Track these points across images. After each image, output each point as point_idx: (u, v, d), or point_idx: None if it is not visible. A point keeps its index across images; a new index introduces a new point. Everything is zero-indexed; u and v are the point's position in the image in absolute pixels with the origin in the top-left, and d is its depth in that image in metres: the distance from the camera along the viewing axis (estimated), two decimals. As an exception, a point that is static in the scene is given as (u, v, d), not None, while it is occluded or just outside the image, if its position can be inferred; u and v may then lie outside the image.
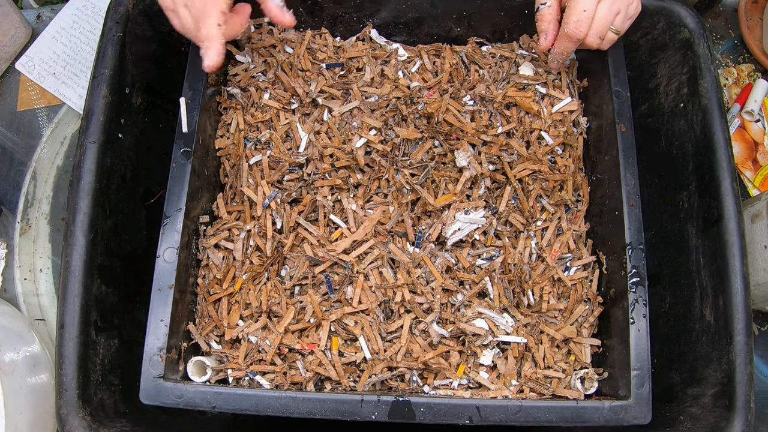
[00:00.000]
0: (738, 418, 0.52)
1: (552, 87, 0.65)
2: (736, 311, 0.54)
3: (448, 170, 0.60)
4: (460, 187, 0.59)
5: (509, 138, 0.62)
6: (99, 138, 0.55)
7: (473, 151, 0.60)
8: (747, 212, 0.65)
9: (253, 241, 0.57)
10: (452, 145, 0.60)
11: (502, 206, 0.60)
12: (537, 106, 0.63)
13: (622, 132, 0.57)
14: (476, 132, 0.60)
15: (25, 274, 0.69)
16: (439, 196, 0.59)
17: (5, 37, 0.74)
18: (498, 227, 0.59)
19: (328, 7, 0.64)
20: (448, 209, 0.59)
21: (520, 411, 0.49)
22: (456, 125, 0.60)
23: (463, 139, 0.60)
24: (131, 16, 0.60)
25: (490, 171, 0.61)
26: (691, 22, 0.63)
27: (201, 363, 0.54)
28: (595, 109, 0.63)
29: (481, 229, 0.59)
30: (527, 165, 0.61)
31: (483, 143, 0.61)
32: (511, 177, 0.60)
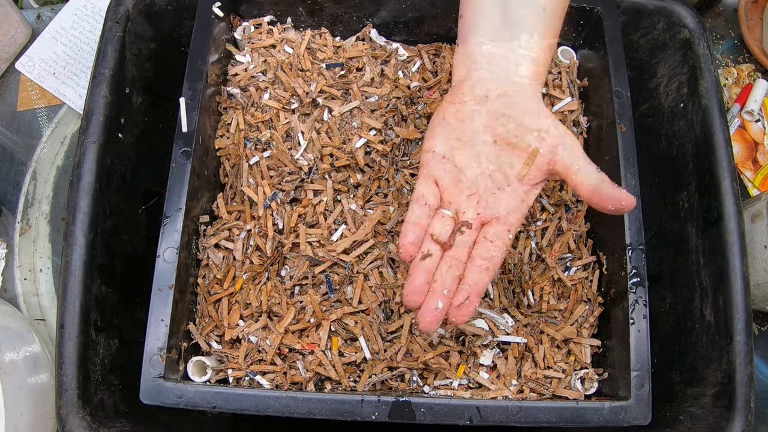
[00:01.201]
0: (738, 418, 0.52)
1: (552, 87, 0.65)
2: (736, 311, 0.54)
3: (448, 170, 0.60)
4: (460, 187, 0.59)
5: (509, 138, 0.62)
6: (99, 138, 0.55)
7: (473, 151, 0.60)
8: (747, 212, 0.65)
9: (253, 241, 0.57)
10: (452, 145, 0.60)
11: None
12: (537, 106, 0.63)
13: (622, 132, 0.57)
14: (476, 132, 0.60)
15: (25, 274, 0.69)
16: (439, 196, 0.59)
17: (5, 37, 0.73)
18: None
19: (328, 7, 0.64)
20: (448, 209, 0.59)
21: (520, 411, 0.49)
22: (456, 125, 0.60)
23: (463, 139, 0.60)
24: (131, 16, 0.60)
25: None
26: (691, 22, 0.63)
27: (201, 363, 0.54)
28: (595, 109, 0.63)
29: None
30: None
31: (483, 143, 0.60)
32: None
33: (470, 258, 0.44)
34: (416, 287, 0.43)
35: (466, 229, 0.44)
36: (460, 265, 0.44)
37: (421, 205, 0.45)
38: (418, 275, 0.43)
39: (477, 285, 0.43)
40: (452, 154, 0.45)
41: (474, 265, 0.44)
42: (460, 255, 0.44)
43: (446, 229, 0.44)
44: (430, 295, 0.43)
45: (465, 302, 0.42)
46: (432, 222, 0.45)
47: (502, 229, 0.44)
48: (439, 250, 0.44)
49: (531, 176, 0.44)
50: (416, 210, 0.45)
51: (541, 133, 0.43)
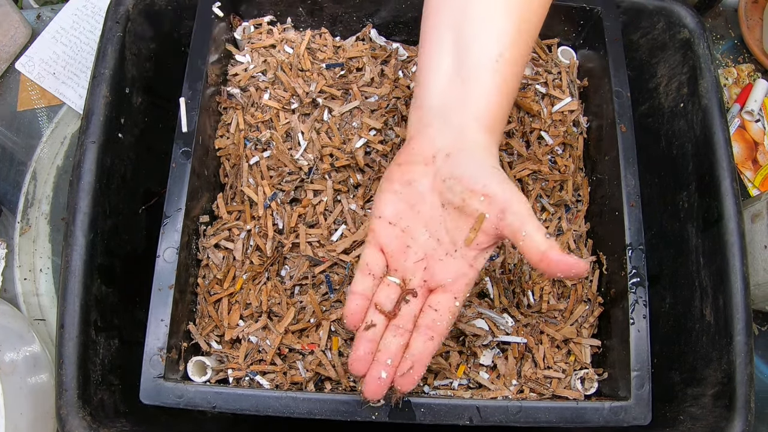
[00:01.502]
0: (738, 418, 0.52)
1: (552, 87, 0.65)
2: (736, 311, 0.54)
3: (448, 170, 0.60)
4: (460, 187, 0.59)
5: (509, 138, 0.62)
6: (99, 138, 0.55)
7: (473, 151, 0.60)
8: (747, 212, 0.65)
9: (253, 241, 0.57)
10: (452, 145, 0.60)
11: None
12: (537, 106, 0.63)
13: (622, 132, 0.57)
14: (476, 132, 0.60)
15: (25, 274, 0.69)
16: (439, 196, 0.59)
17: (5, 37, 0.73)
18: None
19: (328, 7, 0.64)
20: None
21: (520, 411, 0.49)
22: (456, 125, 0.60)
23: (463, 139, 0.60)
24: (131, 16, 0.60)
25: (490, 171, 0.60)
26: (691, 22, 0.63)
27: (201, 363, 0.54)
28: (595, 109, 0.63)
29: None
30: (527, 165, 0.61)
31: (483, 143, 0.60)
32: (511, 177, 0.60)
33: (416, 327, 0.43)
34: (360, 356, 0.42)
35: (411, 297, 0.44)
36: (405, 334, 0.43)
37: (365, 274, 0.44)
38: (361, 345, 0.43)
39: (421, 354, 0.42)
40: (399, 219, 0.44)
41: (419, 334, 0.43)
42: (405, 324, 0.43)
43: (391, 298, 0.44)
44: (374, 365, 0.42)
45: (409, 371, 0.42)
46: (377, 291, 0.44)
47: (449, 297, 0.43)
48: (384, 320, 0.43)
49: (479, 242, 0.42)
50: (360, 280, 0.44)
51: (488, 197, 0.41)
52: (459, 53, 0.44)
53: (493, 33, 0.43)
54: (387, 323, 0.43)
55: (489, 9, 0.43)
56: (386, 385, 0.42)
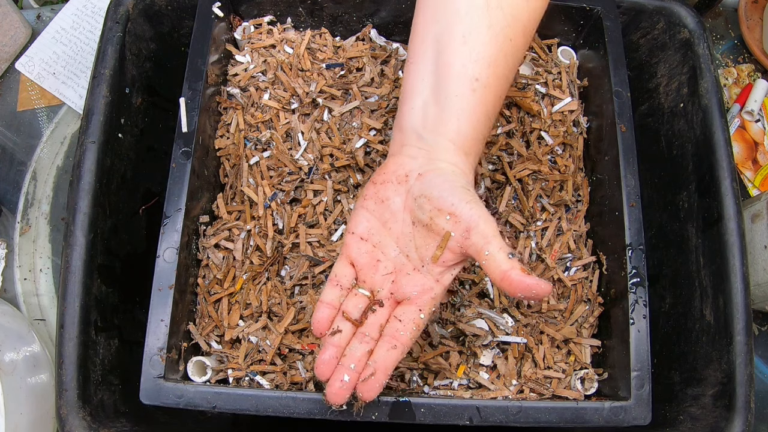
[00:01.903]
0: (738, 418, 0.52)
1: (552, 87, 0.65)
2: (736, 311, 0.54)
3: (448, 170, 0.60)
4: (460, 187, 0.59)
5: (509, 138, 0.62)
6: (99, 138, 0.55)
7: (473, 151, 0.60)
8: (747, 212, 0.65)
9: (253, 241, 0.57)
10: (452, 145, 0.60)
11: (502, 206, 0.60)
12: (537, 106, 0.63)
13: (622, 132, 0.57)
14: (476, 132, 0.60)
15: (25, 274, 0.69)
16: (439, 196, 0.59)
17: (5, 37, 0.73)
18: (498, 227, 0.59)
19: (328, 7, 0.64)
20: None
21: (520, 412, 0.49)
22: (456, 125, 0.60)
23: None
24: (131, 16, 0.60)
25: (490, 171, 0.61)
26: (691, 22, 0.63)
27: (201, 363, 0.54)
28: (595, 109, 0.63)
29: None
30: (527, 165, 0.61)
31: (483, 143, 0.60)
32: (511, 177, 0.60)
33: (381, 336, 0.44)
34: (325, 360, 0.43)
35: (378, 307, 0.45)
36: (371, 342, 0.44)
37: (334, 285, 0.45)
38: (326, 350, 0.44)
39: (384, 362, 0.43)
40: (371, 235, 0.46)
41: (383, 342, 0.44)
42: (371, 332, 0.44)
43: (359, 307, 0.45)
44: (338, 369, 0.43)
45: (371, 377, 0.42)
46: (345, 300, 0.45)
47: (414, 309, 0.44)
48: (351, 327, 0.45)
49: (444, 259, 0.43)
50: (329, 290, 0.45)
51: (454, 216, 0.42)
52: (438, 74, 0.45)
53: (472, 54, 0.44)
54: (354, 331, 0.45)
55: (472, 25, 0.44)
56: (348, 389, 0.43)
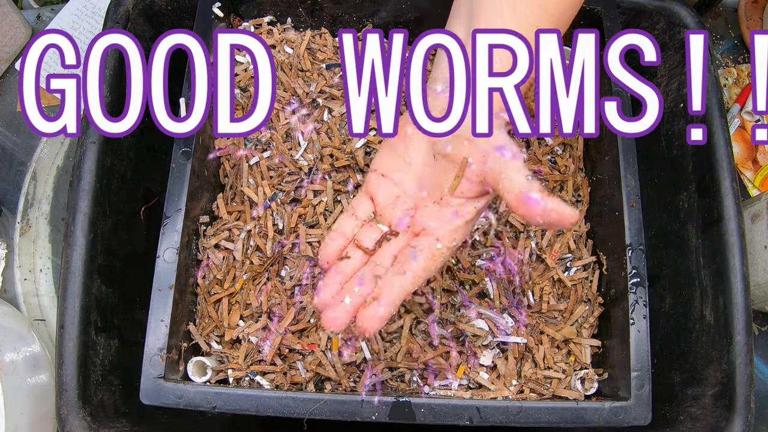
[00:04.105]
0: (738, 418, 0.52)
1: (552, 87, 0.65)
2: (736, 311, 0.54)
3: (448, 170, 0.60)
4: (460, 188, 0.59)
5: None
6: (99, 138, 0.55)
7: (473, 152, 0.60)
8: (747, 212, 0.65)
9: (254, 242, 0.57)
10: (452, 146, 0.60)
11: (503, 206, 0.60)
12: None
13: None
14: (476, 132, 0.60)
15: (25, 274, 0.69)
16: (439, 197, 0.59)
17: (5, 37, 0.73)
18: (498, 227, 0.59)
19: (328, 7, 0.64)
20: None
21: (520, 412, 0.49)
22: (456, 125, 0.60)
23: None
24: (131, 16, 0.60)
25: (490, 171, 0.60)
26: (691, 22, 0.63)
27: (201, 363, 0.54)
28: (595, 109, 0.63)
29: (481, 230, 0.59)
30: (527, 165, 0.61)
31: (483, 143, 0.60)
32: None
33: (392, 264, 0.42)
34: (327, 284, 0.41)
35: (393, 238, 0.43)
36: (381, 271, 0.42)
37: (349, 216, 0.44)
38: (331, 274, 0.41)
39: (390, 288, 0.40)
40: (392, 171, 0.45)
41: (392, 268, 0.42)
42: (383, 261, 0.42)
43: (372, 238, 0.43)
44: (341, 292, 0.40)
45: (373, 304, 0.39)
46: (359, 231, 0.44)
47: (430, 239, 0.42)
48: (362, 256, 0.42)
49: (463, 189, 0.41)
50: (343, 220, 0.44)
51: (471, 141, 0.40)
52: (471, 12, 0.44)
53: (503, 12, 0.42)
54: (365, 261, 0.42)
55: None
56: (348, 313, 0.40)
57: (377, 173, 0.45)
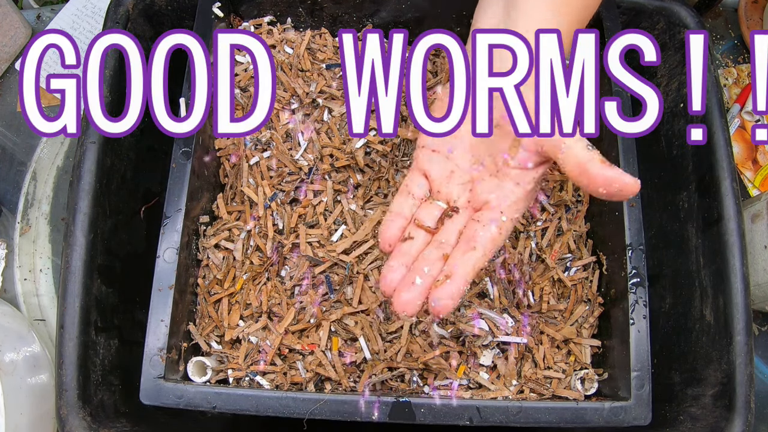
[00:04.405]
0: (738, 418, 0.52)
1: (552, 87, 0.65)
2: (736, 311, 0.54)
3: (448, 170, 0.60)
4: (460, 188, 0.59)
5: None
6: (99, 138, 0.55)
7: (473, 152, 0.60)
8: (747, 212, 0.65)
9: (254, 242, 0.57)
10: (452, 146, 0.60)
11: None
12: (537, 106, 0.63)
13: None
14: (476, 132, 0.60)
15: (25, 274, 0.69)
16: (439, 197, 0.59)
17: (5, 37, 0.73)
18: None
19: (328, 7, 0.64)
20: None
21: (520, 412, 0.49)
22: (456, 125, 0.60)
23: (463, 140, 0.60)
24: (131, 16, 0.60)
25: (490, 171, 0.60)
26: (691, 22, 0.63)
27: (201, 363, 0.54)
28: (595, 109, 0.63)
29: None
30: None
31: (483, 143, 0.61)
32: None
33: (458, 241, 0.41)
34: (393, 268, 0.40)
35: (454, 214, 0.42)
36: (447, 248, 0.40)
37: (405, 195, 0.43)
38: (396, 256, 0.40)
39: (463, 265, 0.39)
40: (442, 146, 0.43)
41: (460, 245, 0.40)
42: (448, 238, 0.41)
43: (433, 215, 0.42)
44: (409, 273, 0.39)
45: (447, 282, 0.38)
46: (418, 210, 0.43)
47: (495, 212, 0.41)
48: (424, 235, 0.41)
49: (520, 159, 0.40)
50: (399, 200, 0.43)
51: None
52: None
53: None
54: (428, 240, 0.41)
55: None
56: (420, 294, 0.38)
57: (426, 149, 0.44)
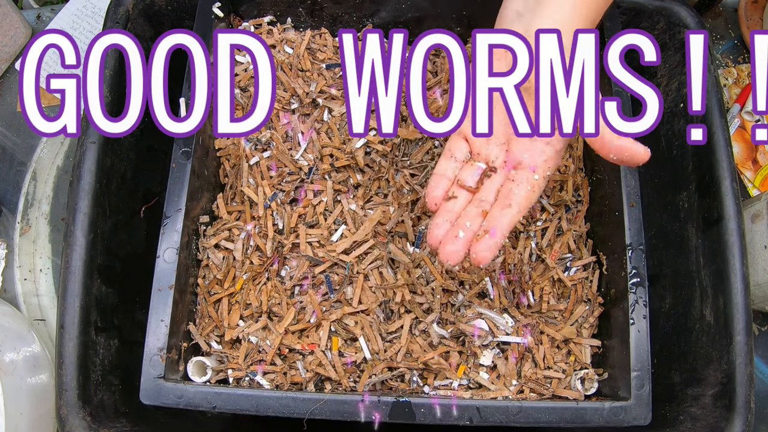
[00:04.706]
0: (738, 418, 0.52)
1: (552, 87, 0.65)
2: (736, 311, 0.54)
3: (448, 170, 0.60)
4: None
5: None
6: (99, 138, 0.55)
7: (473, 152, 0.60)
8: (747, 212, 0.65)
9: (253, 242, 0.57)
10: (452, 146, 0.60)
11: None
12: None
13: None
14: (476, 132, 0.60)
15: (25, 274, 0.69)
16: (439, 197, 0.59)
17: (5, 37, 0.73)
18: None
19: (328, 7, 0.64)
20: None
21: (520, 412, 0.49)
22: (456, 125, 0.60)
23: (463, 139, 0.60)
24: (131, 16, 0.60)
25: (490, 171, 0.61)
26: (691, 22, 0.63)
27: (201, 363, 0.54)
28: (595, 109, 0.63)
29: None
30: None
31: (483, 143, 0.61)
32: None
33: (496, 198, 0.46)
34: (438, 224, 0.45)
35: (493, 174, 0.46)
36: (487, 206, 0.45)
37: (448, 158, 0.47)
38: (441, 214, 0.45)
39: (499, 221, 0.44)
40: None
41: (497, 203, 0.45)
42: (487, 196, 0.46)
43: (474, 176, 0.46)
44: (452, 228, 0.44)
45: (485, 237, 0.43)
46: (460, 171, 0.47)
47: (527, 171, 0.45)
48: (467, 195, 0.46)
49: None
50: (443, 162, 0.47)
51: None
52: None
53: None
54: (469, 199, 0.46)
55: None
56: (464, 246, 0.43)
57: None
